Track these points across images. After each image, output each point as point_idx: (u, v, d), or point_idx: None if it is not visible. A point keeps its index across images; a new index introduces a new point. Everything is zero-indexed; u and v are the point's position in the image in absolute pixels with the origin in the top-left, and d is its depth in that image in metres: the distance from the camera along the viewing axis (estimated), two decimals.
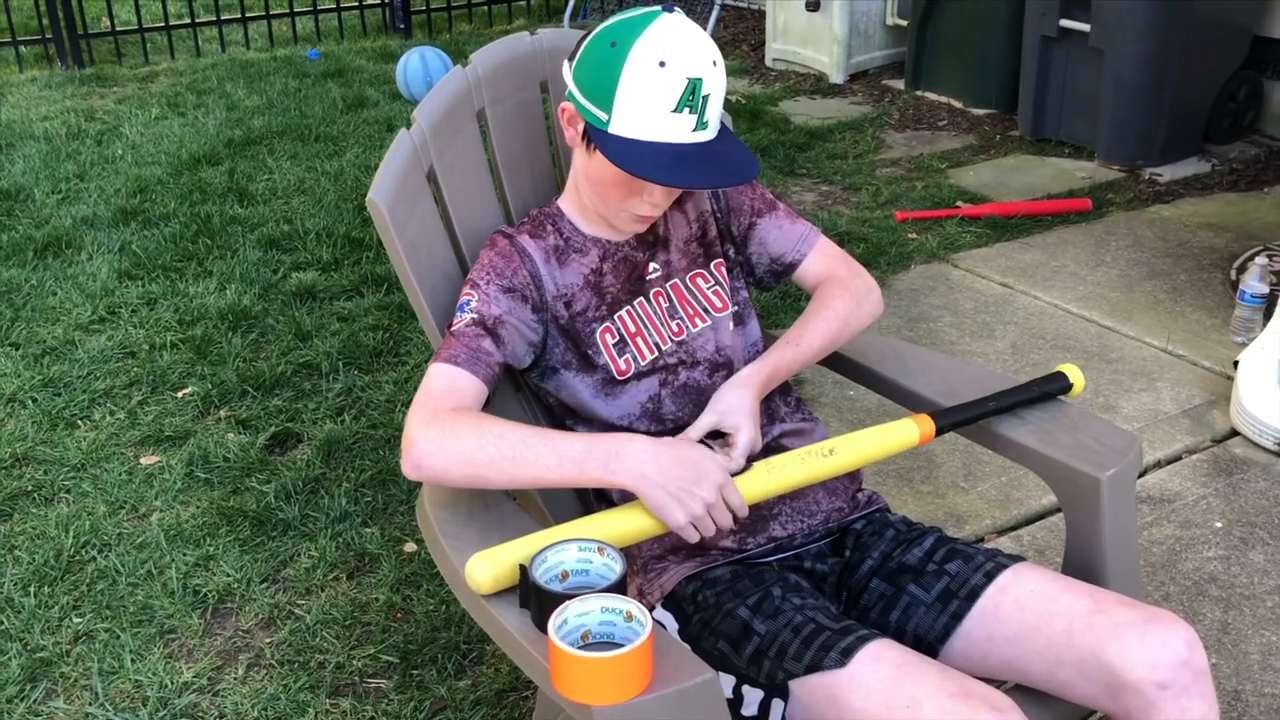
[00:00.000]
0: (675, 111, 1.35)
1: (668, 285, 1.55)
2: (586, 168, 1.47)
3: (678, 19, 1.38)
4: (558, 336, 1.50)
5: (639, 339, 1.51)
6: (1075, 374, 1.62)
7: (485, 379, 1.41)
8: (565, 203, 1.57)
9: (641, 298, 1.53)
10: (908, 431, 1.49)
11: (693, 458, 1.31)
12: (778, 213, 1.65)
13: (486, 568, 1.22)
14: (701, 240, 1.59)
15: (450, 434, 1.32)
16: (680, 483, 1.29)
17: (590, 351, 1.49)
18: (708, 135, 1.40)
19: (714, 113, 1.39)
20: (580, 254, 1.52)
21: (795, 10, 5.56)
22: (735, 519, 1.33)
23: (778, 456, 1.41)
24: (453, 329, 1.44)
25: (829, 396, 2.87)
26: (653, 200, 1.45)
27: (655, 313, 1.53)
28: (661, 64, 1.34)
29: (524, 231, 1.53)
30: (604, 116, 1.38)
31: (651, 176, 1.35)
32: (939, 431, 1.50)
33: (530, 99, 1.70)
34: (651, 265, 1.55)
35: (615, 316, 1.51)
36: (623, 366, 1.50)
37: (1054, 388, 1.60)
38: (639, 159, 1.36)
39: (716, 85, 1.38)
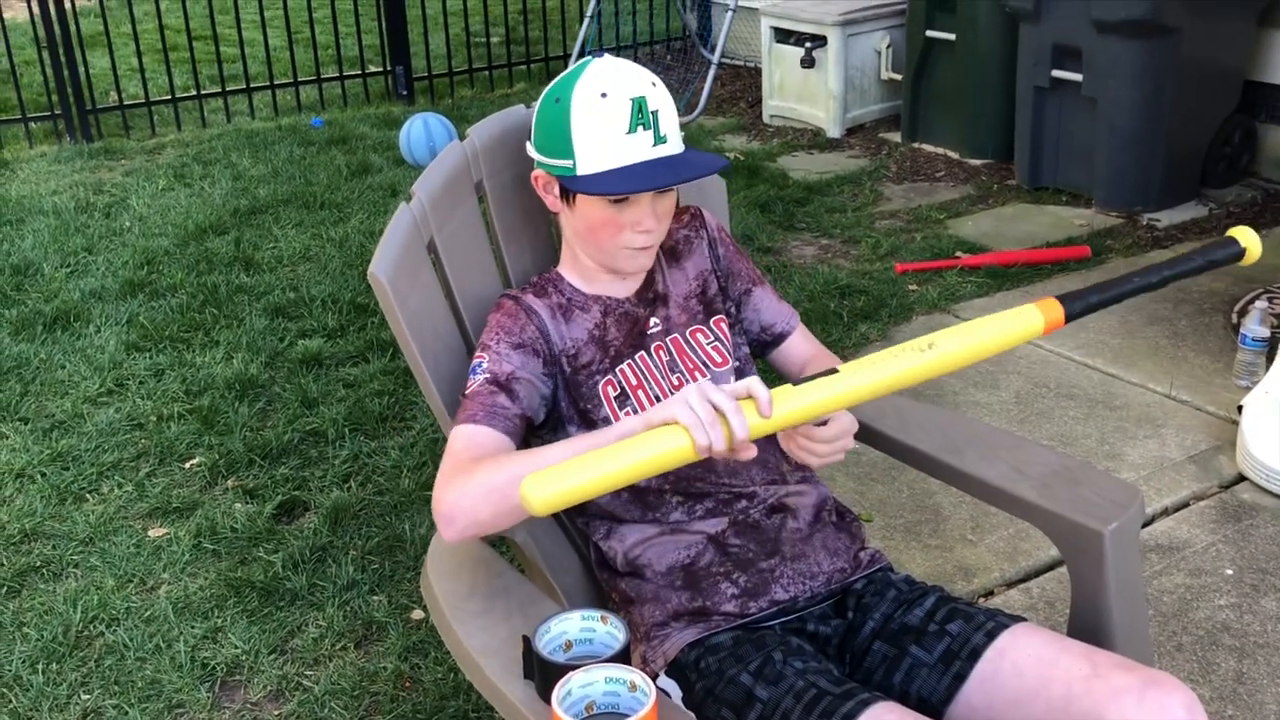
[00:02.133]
0: (630, 133, 1.42)
1: (668, 340, 1.57)
2: (573, 224, 1.52)
3: (608, 59, 1.47)
4: (563, 391, 1.52)
5: (640, 391, 1.53)
6: (1248, 237, 1.36)
7: (505, 430, 1.43)
8: (564, 268, 1.60)
9: (642, 351, 1.55)
10: (1029, 319, 1.28)
11: (711, 395, 1.22)
12: (766, 288, 1.70)
13: (540, 490, 1.16)
14: (701, 297, 1.62)
15: (469, 476, 1.33)
16: (685, 393, 1.23)
17: (590, 407, 1.51)
18: (671, 149, 1.46)
19: (670, 127, 1.45)
20: (583, 311, 1.55)
21: (791, 67, 5.64)
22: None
23: (866, 357, 1.27)
24: (468, 391, 1.46)
25: None
26: (644, 228, 1.48)
27: (656, 366, 1.55)
28: (603, 95, 1.42)
29: (528, 292, 1.56)
30: (569, 164, 1.45)
31: (627, 188, 1.41)
32: (1070, 317, 1.30)
33: (527, 170, 1.72)
34: (652, 320, 1.57)
35: (617, 369, 1.53)
36: (623, 418, 1.51)
37: (1223, 254, 1.36)
38: (612, 182, 1.42)
39: (663, 102, 1.45)
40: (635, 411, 1.52)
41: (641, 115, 1.43)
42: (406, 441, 2.98)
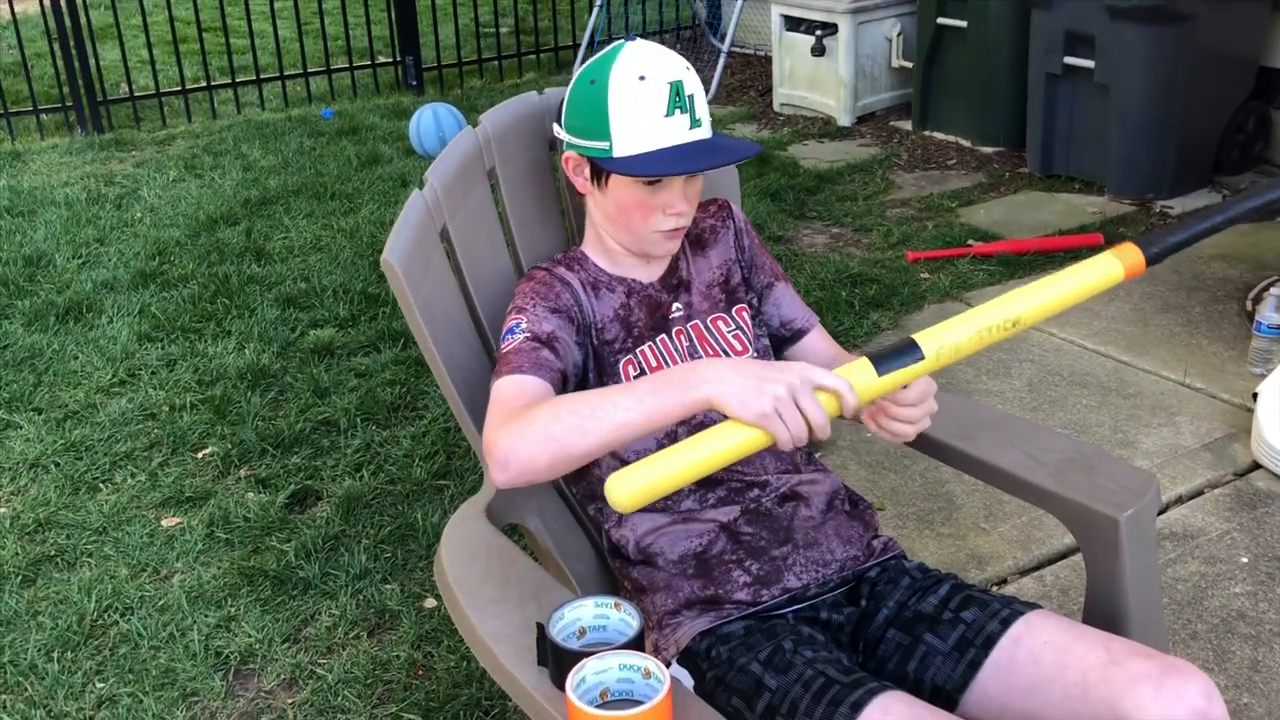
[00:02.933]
0: (668, 116, 1.44)
1: (689, 325, 1.58)
2: (603, 207, 1.52)
3: (641, 42, 1.48)
4: (592, 362, 1.53)
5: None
6: None
7: (552, 382, 1.42)
8: (588, 249, 1.61)
9: (664, 335, 1.56)
10: (1108, 268, 1.23)
11: (769, 371, 1.22)
12: (789, 285, 1.70)
13: (624, 486, 1.18)
14: (724, 286, 1.63)
15: (526, 421, 1.29)
16: (760, 372, 1.22)
17: (609, 383, 1.51)
18: (704, 133, 1.48)
19: (703, 112, 1.48)
20: (610, 290, 1.56)
21: (801, 55, 5.62)
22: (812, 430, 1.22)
23: (943, 324, 1.24)
24: (506, 349, 1.44)
25: (846, 439, 2.86)
26: (675, 210, 1.49)
27: (676, 349, 1.56)
28: (641, 78, 1.44)
29: (558, 264, 1.57)
30: (605, 145, 1.45)
31: (668, 171, 1.42)
32: (1151, 261, 1.24)
33: (539, 157, 1.72)
34: (675, 305, 1.58)
35: (638, 350, 1.54)
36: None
37: None
38: (649, 164, 1.43)
39: (696, 87, 1.47)
40: None
41: (679, 99, 1.45)
42: (418, 431, 2.98)
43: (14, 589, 2.43)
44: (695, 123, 1.46)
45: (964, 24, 4.86)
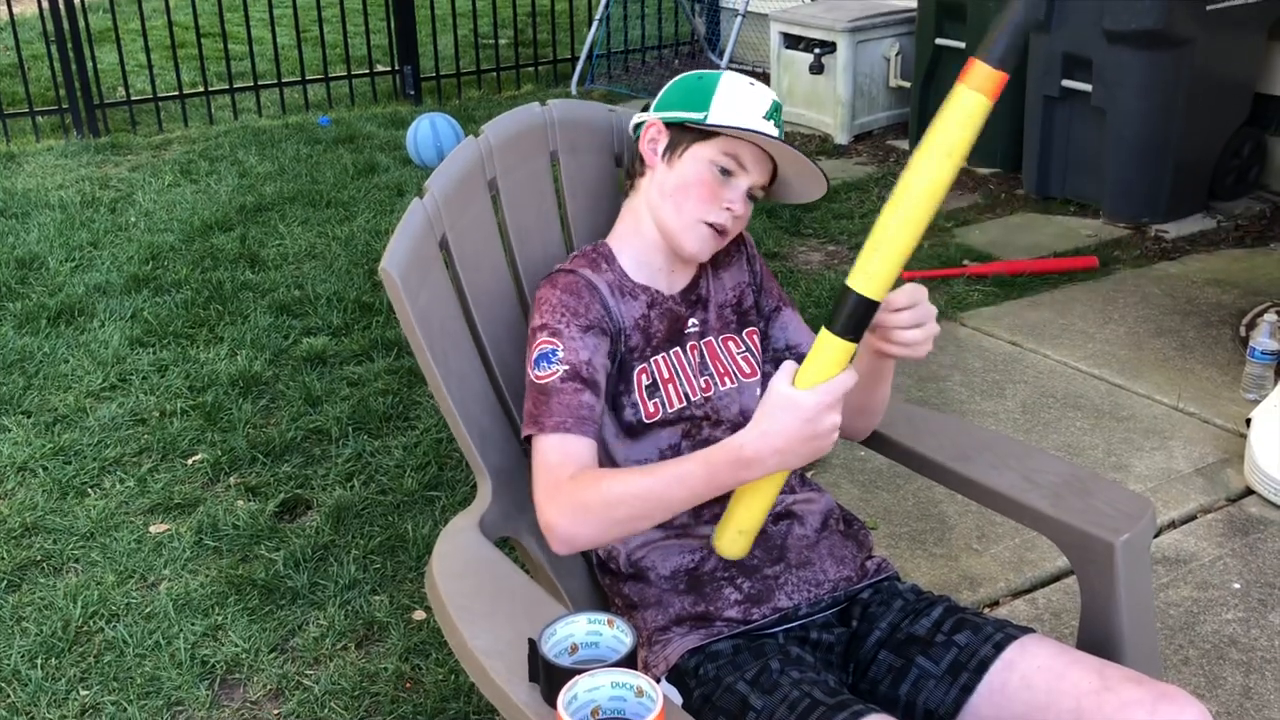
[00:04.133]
0: (765, 118, 1.52)
1: (703, 342, 1.58)
2: (663, 182, 1.53)
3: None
4: (616, 369, 1.51)
5: (670, 385, 1.53)
6: None
7: (594, 435, 1.43)
8: (617, 243, 1.59)
9: (678, 348, 1.56)
10: (969, 101, 1.20)
11: (810, 420, 1.25)
12: (795, 310, 1.71)
13: (731, 545, 1.39)
14: (737, 308, 1.63)
15: (583, 505, 1.35)
16: (799, 432, 1.26)
17: (622, 389, 1.51)
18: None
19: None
20: (633, 297, 1.55)
21: (799, 73, 5.63)
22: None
23: (861, 254, 1.27)
24: (543, 382, 1.43)
25: (840, 457, 2.86)
26: (733, 206, 1.50)
27: (689, 364, 1.56)
28: (751, 84, 1.54)
29: (583, 265, 1.54)
30: (700, 115, 1.51)
31: (754, 130, 1.46)
32: (1002, 65, 1.18)
33: (541, 169, 1.72)
34: (691, 320, 1.58)
35: (652, 360, 1.53)
36: (651, 409, 1.51)
37: None
38: (743, 130, 1.48)
39: (780, 122, 1.56)
40: (664, 404, 1.52)
41: (776, 113, 1.54)
42: (410, 441, 2.97)
43: None
44: (779, 137, 1.52)
45: (962, 45, 4.88)
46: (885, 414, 1.73)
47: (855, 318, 1.26)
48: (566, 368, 1.43)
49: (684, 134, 1.53)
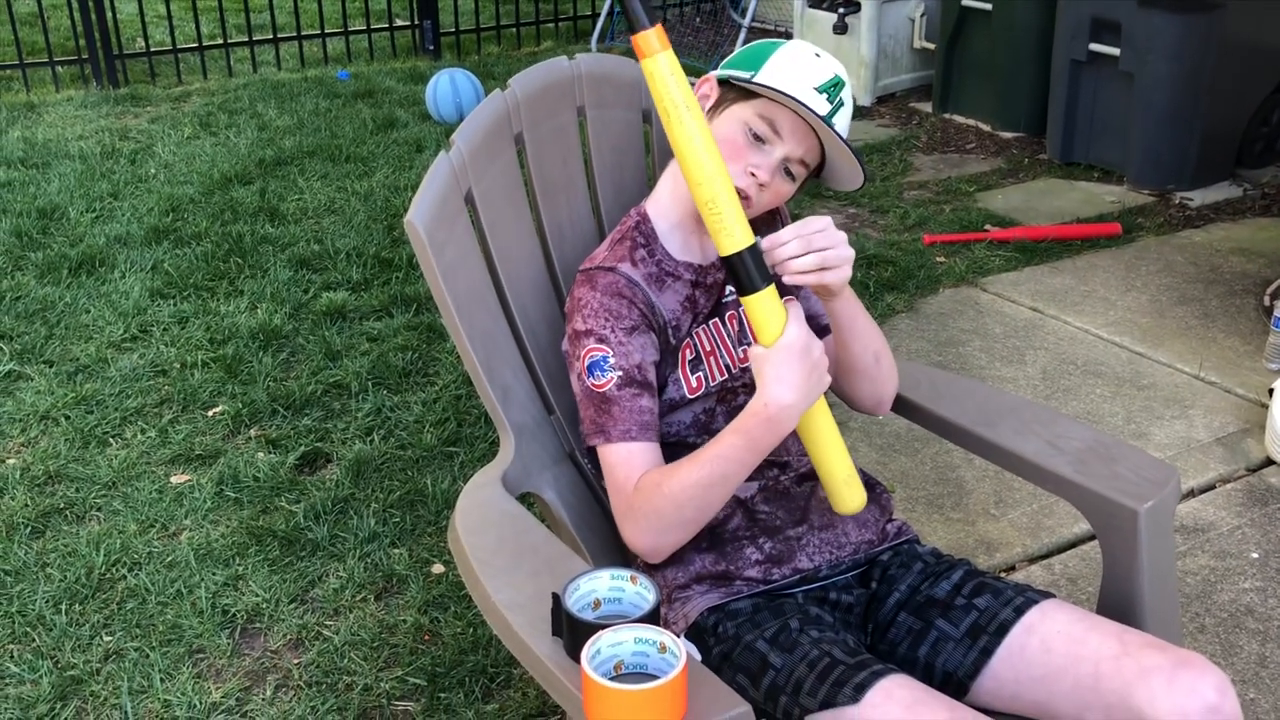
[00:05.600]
0: (818, 91, 1.45)
1: (740, 310, 1.56)
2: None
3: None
4: (662, 356, 1.51)
5: (712, 358, 1.53)
6: None
7: (657, 438, 1.46)
8: (655, 207, 1.56)
9: (717, 318, 1.55)
10: (657, 66, 1.29)
11: (799, 355, 1.32)
12: None
13: (852, 501, 1.41)
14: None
15: (656, 516, 1.39)
16: (811, 377, 1.34)
17: (668, 369, 1.50)
18: (837, 127, 1.47)
19: (842, 121, 1.48)
20: (675, 279, 1.52)
21: (823, 33, 5.57)
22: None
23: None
24: (601, 390, 1.43)
25: (858, 421, 2.85)
26: (757, 171, 1.46)
27: (728, 334, 1.55)
28: (818, 55, 1.49)
29: (621, 260, 1.51)
30: (749, 74, 1.47)
31: (794, 97, 1.41)
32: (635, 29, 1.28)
33: (567, 123, 1.70)
34: (728, 288, 1.56)
35: (694, 332, 1.52)
36: (694, 384, 1.51)
37: None
38: (784, 87, 1.43)
39: (849, 100, 1.50)
40: (706, 378, 1.51)
41: (834, 89, 1.46)
42: (429, 397, 2.98)
43: (23, 540, 2.44)
44: (832, 113, 1.46)
45: (989, 6, 4.81)
46: (908, 376, 1.72)
47: (747, 270, 1.33)
48: (620, 374, 1.43)
49: (730, 91, 1.50)
